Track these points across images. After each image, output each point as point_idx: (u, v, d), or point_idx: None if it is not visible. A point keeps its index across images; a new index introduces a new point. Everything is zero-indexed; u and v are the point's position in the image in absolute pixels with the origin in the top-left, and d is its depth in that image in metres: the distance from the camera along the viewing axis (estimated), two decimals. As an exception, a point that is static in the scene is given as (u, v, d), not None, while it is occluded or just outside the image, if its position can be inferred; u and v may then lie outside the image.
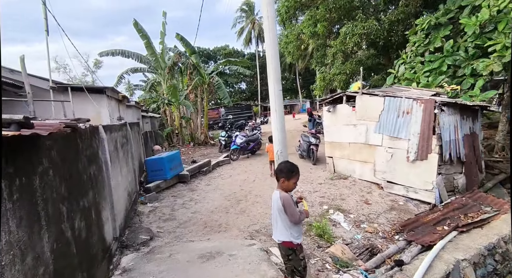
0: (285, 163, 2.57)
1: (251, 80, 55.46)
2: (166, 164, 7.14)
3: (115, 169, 4.29)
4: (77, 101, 6.99)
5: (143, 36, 14.73)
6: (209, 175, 8.78)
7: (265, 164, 9.82)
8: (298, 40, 12.35)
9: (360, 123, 6.53)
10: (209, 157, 12.26)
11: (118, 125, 5.01)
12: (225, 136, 13.37)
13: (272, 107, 5.20)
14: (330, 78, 11.08)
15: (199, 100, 16.11)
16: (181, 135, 16.20)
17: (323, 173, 7.78)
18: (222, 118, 27.36)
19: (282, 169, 2.46)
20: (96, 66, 42.40)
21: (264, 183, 7.44)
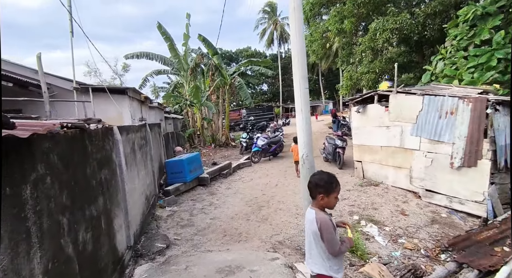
0: (320, 175, 1.98)
1: (273, 81, 55.11)
2: (186, 167, 6.94)
3: (132, 172, 4.08)
4: (100, 102, 6.98)
5: (167, 38, 14.84)
6: (229, 178, 8.50)
7: (288, 168, 9.40)
8: (323, 38, 11.82)
9: (394, 125, 5.94)
10: (230, 159, 12.03)
11: (136, 126, 4.83)
12: (247, 138, 13.08)
13: (297, 107, 4.80)
14: (358, 77, 10.44)
15: (221, 101, 15.97)
16: (203, 137, 16.13)
17: (351, 179, 7.22)
18: (243, 119, 27.18)
19: (318, 183, 1.87)
20: (124, 70, 43.97)
21: (287, 188, 7.02)
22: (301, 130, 4.75)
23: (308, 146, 4.77)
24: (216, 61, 14.49)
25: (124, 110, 7.28)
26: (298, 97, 4.72)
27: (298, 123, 4.82)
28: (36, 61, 3.44)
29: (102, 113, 7.20)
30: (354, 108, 7.02)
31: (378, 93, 6.29)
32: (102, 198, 2.71)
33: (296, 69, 4.67)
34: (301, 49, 4.60)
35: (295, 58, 4.63)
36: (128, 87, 7.02)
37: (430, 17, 8.60)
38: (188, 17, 15.78)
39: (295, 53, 4.61)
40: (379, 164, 6.47)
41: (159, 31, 14.35)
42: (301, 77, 4.65)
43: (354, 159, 7.27)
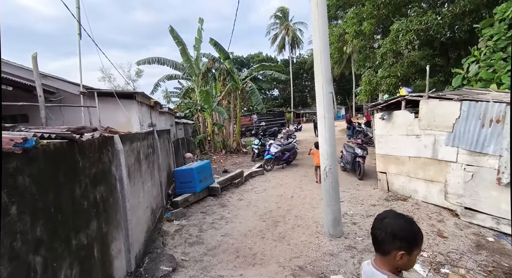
0: (397, 220, 1.25)
1: (284, 86, 54.71)
2: (195, 176, 6.51)
3: (135, 185, 3.66)
4: (108, 107, 6.67)
5: (179, 42, 14.66)
6: (241, 188, 8.02)
7: (303, 177, 8.86)
8: (340, 41, 11.32)
9: (425, 134, 5.35)
10: (241, 166, 11.57)
11: (142, 133, 4.44)
12: (259, 144, 12.62)
13: (319, 113, 4.30)
14: (377, 81, 9.86)
15: (232, 107, 15.61)
16: (213, 142, 15.78)
17: (374, 192, 6.62)
18: (254, 125, 26.77)
19: (397, 234, 1.20)
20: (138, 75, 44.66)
21: (303, 200, 6.48)
22: (324, 139, 4.25)
23: (331, 157, 4.26)
24: (228, 66, 14.17)
25: (132, 116, 6.95)
26: (320, 102, 4.23)
27: (321, 131, 4.31)
28: (32, 61, 3.11)
29: (110, 119, 6.89)
30: (378, 115, 6.45)
31: (406, 98, 5.71)
32: (95, 221, 2.28)
33: (318, 71, 4.18)
34: (325, 48, 4.13)
35: (318, 59, 4.15)
36: (136, 91, 6.69)
37: (458, 17, 7.97)
38: (201, 21, 15.61)
39: (318, 53, 4.13)
40: (407, 176, 5.87)
41: (171, 35, 14.18)
42: (324, 80, 4.16)
43: (378, 170, 6.68)
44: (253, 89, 14.15)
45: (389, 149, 6.23)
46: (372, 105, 6.57)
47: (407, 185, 5.90)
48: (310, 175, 9.15)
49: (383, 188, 6.54)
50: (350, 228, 4.68)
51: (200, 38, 15.80)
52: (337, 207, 4.35)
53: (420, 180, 5.57)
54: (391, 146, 6.17)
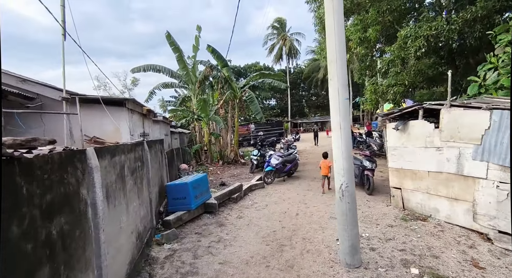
0: None
1: (281, 96, 54.60)
2: (190, 192, 5.86)
3: (117, 208, 3.02)
4: (94, 115, 6.06)
5: (175, 49, 14.20)
6: (240, 203, 7.36)
7: (306, 191, 8.23)
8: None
9: (447, 146, 4.80)
10: (239, 178, 10.92)
11: (127, 145, 3.82)
12: (258, 155, 12.01)
13: (334, 122, 3.72)
14: (383, 90, 9.40)
15: (230, 116, 15.06)
16: (210, 153, 15.13)
17: (387, 209, 6.00)
18: (252, 134, 26.20)
19: None
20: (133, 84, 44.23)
21: (310, 219, 5.83)
22: (339, 152, 3.66)
23: (348, 173, 3.67)
24: (226, 74, 13.70)
25: (122, 124, 6.32)
26: (336, 110, 3.66)
27: (335, 143, 3.73)
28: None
29: (97, 128, 6.29)
30: (391, 125, 5.91)
31: (424, 107, 5.19)
32: (46, 268, 1.64)
33: (333, 74, 3.64)
34: (341, 48, 3.59)
35: (333, 60, 3.61)
36: (126, 98, 6.10)
37: (469, 23, 7.59)
38: (199, 29, 15.20)
39: (333, 54, 3.60)
40: (425, 193, 5.28)
41: (168, 41, 13.73)
42: (340, 85, 3.61)
43: (391, 185, 6.09)
44: (252, 98, 13.64)
45: (404, 163, 5.66)
46: (385, 114, 6.04)
47: (426, 202, 5.30)
48: (313, 188, 8.54)
49: (398, 205, 5.94)
50: (369, 256, 4.04)
51: (197, 46, 15.36)
52: (355, 232, 3.73)
53: (442, 197, 4.98)
54: (407, 159, 5.60)
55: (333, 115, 3.71)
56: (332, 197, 7.41)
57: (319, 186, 8.80)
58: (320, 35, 12.30)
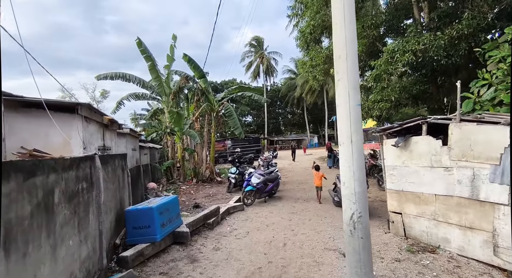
0: None
1: (258, 113, 54.51)
2: (156, 218, 4.75)
3: (27, 259, 1.94)
4: (37, 123, 4.89)
5: (147, 57, 13.18)
6: (217, 230, 6.30)
7: (291, 214, 7.36)
8: (326, 62, 10.59)
9: (458, 166, 4.22)
10: (215, 198, 9.82)
11: (63, 160, 2.75)
12: (236, 173, 11.03)
13: (343, 134, 2.91)
14: (369, 105, 9.02)
15: (206, 130, 14.05)
16: (183, 170, 13.88)
17: (387, 237, 5.27)
18: (228, 151, 25.17)
19: None
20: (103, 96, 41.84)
21: (301, 250, 4.93)
22: (349, 173, 2.87)
23: (361, 200, 2.87)
24: (203, 85, 12.85)
25: (72, 135, 5.15)
26: (345, 119, 2.89)
27: (344, 162, 2.93)
28: None
29: (42, 139, 5.09)
30: (388, 141, 5.31)
31: (428, 121, 4.64)
32: None
33: (343, 73, 2.90)
34: (352, 39, 2.89)
35: (342, 55, 2.90)
36: (79, 102, 4.98)
37: (454, 41, 7.46)
38: (174, 38, 14.36)
39: (342, 46, 2.90)
40: (432, 219, 4.62)
41: (139, 48, 12.70)
42: (351, 87, 2.88)
43: (390, 209, 5.40)
44: (231, 112, 12.82)
45: (406, 184, 5.02)
46: (382, 129, 5.44)
47: (433, 231, 4.63)
48: (298, 210, 7.69)
49: (398, 233, 5.23)
50: (384, 304, 3.20)
51: (172, 56, 14.46)
52: (370, 277, 2.88)
53: (452, 225, 4.33)
54: (409, 180, 4.97)
55: (342, 125, 2.94)
56: (321, 221, 6.59)
57: (304, 208, 7.98)
58: (302, 50, 11.94)
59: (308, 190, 10.66)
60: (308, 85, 45.28)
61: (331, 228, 6.02)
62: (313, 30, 10.66)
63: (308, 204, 8.43)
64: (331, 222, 6.52)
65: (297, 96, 48.14)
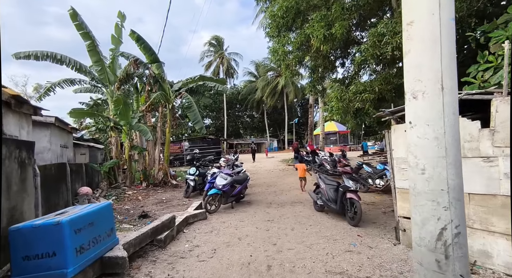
0: None
1: (217, 115, 52.48)
2: (67, 240, 2.89)
3: None
4: None
5: (85, 35, 10.75)
6: (171, 249, 4.56)
7: (267, 222, 5.90)
8: (301, 50, 9.46)
9: (505, 155, 3.18)
10: (169, 205, 7.94)
11: None
12: (195, 174, 9.24)
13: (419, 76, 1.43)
14: (350, 97, 8.05)
15: (159, 125, 11.96)
16: (130, 172, 11.58)
17: (399, 250, 4.08)
18: (185, 153, 22.91)
19: None
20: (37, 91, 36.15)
21: (294, 275, 3.47)
22: (435, 146, 1.45)
23: (458, 201, 1.47)
24: (156, 71, 10.84)
25: None
26: (428, 46, 1.50)
27: (426, 124, 1.54)
28: None
29: None
30: (400, 127, 4.18)
31: (460, 97, 3.57)
32: None
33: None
34: None
35: None
36: None
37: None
38: (121, 17, 12.08)
39: None
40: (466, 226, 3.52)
41: (73, 22, 10.27)
42: None
43: (400, 214, 4.24)
44: (191, 103, 10.96)
45: (425, 180, 3.89)
46: (391, 112, 4.29)
47: (466, 240, 3.53)
48: (275, 218, 6.28)
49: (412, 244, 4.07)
50: None
51: (119, 37, 12.17)
52: None
53: (496, 235, 3.27)
54: (429, 174, 3.84)
55: (421, 58, 1.57)
56: (307, 230, 5.23)
57: (281, 214, 6.59)
58: (271, 39, 10.69)
59: (279, 193, 9.34)
60: (269, 87, 44.99)
61: (323, 240, 4.68)
62: (286, 13, 9.50)
63: (284, 210, 7.06)
64: (319, 231, 5.20)
65: (257, 99, 47.42)
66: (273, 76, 46.10)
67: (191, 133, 44.15)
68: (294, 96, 45.25)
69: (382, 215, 6.13)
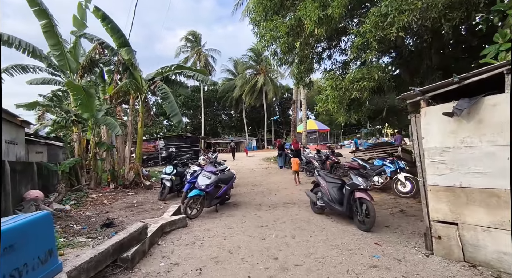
0: None
1: (194, 113, 50.64)
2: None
3: None
4: None
5: (41, 13, 9.13)
6: (142, 270, 3.44)
7: (262, 229, 4.93)
8: (291, 35, 8.57)
9: None
10: (141, 210, 6.73)
11: None
12: (172, 173, 8.05)
13: None
14: (346, 86, 7.28)
15: (131, 119, 10.56)
16: (96, 172, 10.09)
17: (435, 263, 3.27)
18: (160, 152, 21.32)
19: None
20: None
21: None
22: None
23: None
24: (126, 57, 9.45)
25: None
26: None
27: None
28: None
29: None
30: (433, 109, 3.37)
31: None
32: None
33: None
34: None
35: None
36: None
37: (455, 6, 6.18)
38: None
39: None
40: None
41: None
42: None
43: (434, 217, 3.43)
44: (167, 93, 9.69)
45: (468, 176, 3.12)
46: (422, 91, 3.46)
47: (529, 250, 2.77)
48: (270, 222, 5.33)
49: (451, 255, 3.28)
50: None
51: (82, 19, 10.62)
52: None
53: None
54: (474, 168, 3.07)
55: None
56: (312, 238, 4.32)
57: (275, 218, 5.65)
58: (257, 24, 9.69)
59: (267, 193, 8.40)
60: (248, 85, 43.96)
61: (336, 252, 3.78)
62: (273, -4, 8.60)
63: (278, 212, 6.13)
64: (326, 239, 4.31)
65: (235, 97, 46.33)
66: (252, 74, 45.24)
67: (167, 133, 42.10)
68: (273, 95, 44.68)
69: (392, 216, 5.38)
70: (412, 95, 3.55)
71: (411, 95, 3.55)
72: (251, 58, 45.36)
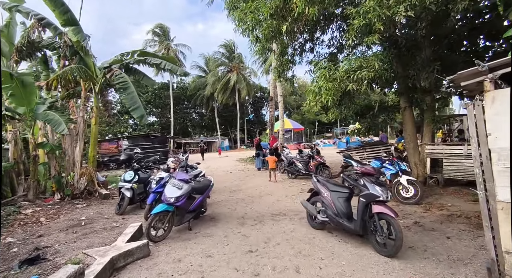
0: None
1: (163, 112, 47.80)
2: None
3: None
4: None
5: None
6: None
7: (252, 256, 3.63)
8: (275, 18, 7.41)
9: None
10: (90, 232, 5.14)
11: None
12: (133, 180, 6.51)
13: None
14: (341, 76, 6.28)
15: (81, 115, 8.72)
16: (35, 179, 8.14)
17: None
18: (123, 152, 19.16)
19: None
20: None
21: None
22: None
23: None
24: (74, 38, 7.67)
25: None
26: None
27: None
28: None
29: None
30: (505, 92, 2.37)
31: None
32: None
33: None
34: None
35: None
36: None
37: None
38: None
39: None
40: None
41: None
42: None
43: (507, 247, 2.43)
44: (127, 83, 8.01)
45: None
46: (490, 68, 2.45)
47: None
48: (260, 245, 4.10)
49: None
50: None
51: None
52: None
53: None
54: None
55: None
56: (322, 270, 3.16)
57: (265, 237, 4.43)
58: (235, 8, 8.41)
59: (249, 202, 7.19)
60: (220, 83, 42.21)
61: (366, 294, 2.66)
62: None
63: (267, 228, 4.93)
64: (343, 272, 3.18)
65: (207, 95, 44.45)
66: (225, 71, 43.67)
67: (133, 132, 39.13)
68: (246, 93, 43.41)
69: (409, 232, 4.41)
70: (471, 74, 2.52)
71: (470, 74, 2.53)
72: (224, 55, 43.77)
